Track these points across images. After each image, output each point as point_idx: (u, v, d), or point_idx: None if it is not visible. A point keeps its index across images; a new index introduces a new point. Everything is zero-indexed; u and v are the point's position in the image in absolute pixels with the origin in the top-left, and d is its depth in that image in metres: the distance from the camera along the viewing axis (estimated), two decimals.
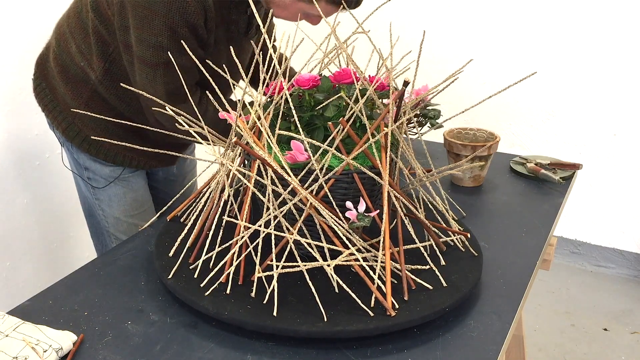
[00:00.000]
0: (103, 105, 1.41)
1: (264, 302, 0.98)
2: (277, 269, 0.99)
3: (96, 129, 1.43)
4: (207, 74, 1.14)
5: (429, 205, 1.24)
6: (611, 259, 2.79)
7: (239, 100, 1.14)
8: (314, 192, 1.02)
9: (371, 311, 0.95)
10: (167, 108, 1.13)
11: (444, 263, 1.09)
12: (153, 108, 1.23)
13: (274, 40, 1.57)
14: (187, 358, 0.90)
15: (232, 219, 1.04)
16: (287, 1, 1.27)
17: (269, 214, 1.03)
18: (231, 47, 1.19)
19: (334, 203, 1.03)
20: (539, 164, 1.60)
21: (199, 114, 1.20)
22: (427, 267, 1.07)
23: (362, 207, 1.00)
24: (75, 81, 1.41)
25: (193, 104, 1.21)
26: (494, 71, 2.71)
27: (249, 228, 1.03)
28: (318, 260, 0.99)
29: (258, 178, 1.03)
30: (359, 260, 1.00)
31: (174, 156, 1.53)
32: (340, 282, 0.98)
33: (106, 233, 1.56)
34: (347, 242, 1.01)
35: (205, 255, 1.07)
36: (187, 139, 1.25)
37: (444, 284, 1.03)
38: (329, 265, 0.98)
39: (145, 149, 1.28)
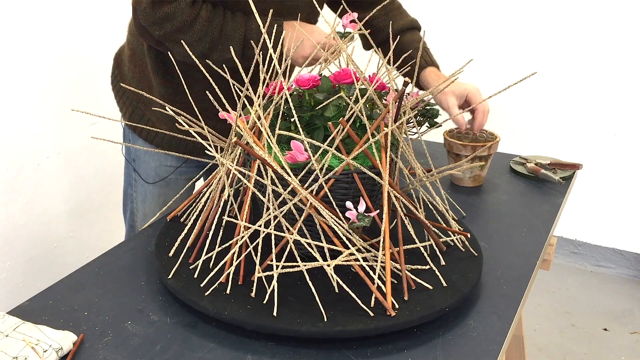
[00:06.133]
0: (164, 87, 1.42)
1: (264, 302, 0.98)
2: (277, 269, 0.99)
3: (157, 112, 1.42)
4: None
5: (429, 205, 1.24)
6: (611, 259, 2.79)
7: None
8: (314, 192, 1.02)
9: (371, 311, 0.95)
10: (166, 108, 1.13)
11: (444, 263, 1.09)
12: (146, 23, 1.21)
13: None
14: (187, 358, 0.90)
15: (232, 219, 1.04)
16: None
17: (269, 214, 1.03)
18: None
19: (334, 203, 1.03)
20: (539, 164, 1.60)
21: (190, 17, 1.19)
22: (427, 267, 1.07)
23: (362, 207, 1.00)
24: (141, 63, 1.43)
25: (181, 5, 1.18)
26: (494, 71, 2.71)
27: (249, 228, 1.03)
28: (318, 260, 0.99)
29: (258, 178, 1.03)
30: (359, 260, 1.00)
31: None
32: (340, 282, 0.98)
33: (130, 229, 1.58)
34: (347, 242, 1.01)
35: (205, 255, 1.07)
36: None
37: (444, 284, 1.03)
38: (329, 265, 0.98)
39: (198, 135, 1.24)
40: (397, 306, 0.96)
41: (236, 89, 1.16)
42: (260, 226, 1.02)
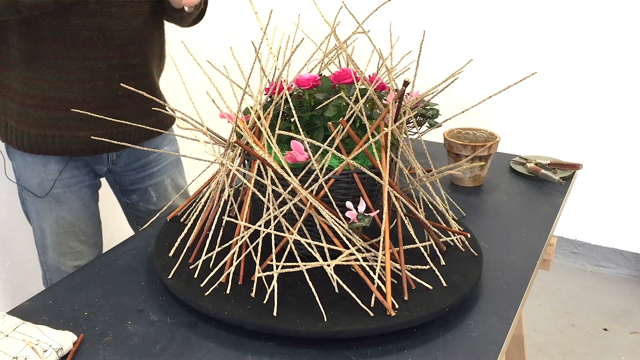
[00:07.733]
0: (14, 82, 1.34)
1: (264, 302, 0.98)
2: (277, 269, 0.99)
3: (13, 115, 1.34)
4: None
5: (429, 205, 1.24)
6: (611, 259, 2.79)
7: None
8: (314, 192, 1.02)
9: (371, 311, 0.95)
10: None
11: (444, 263, 1.10)
12: None
13: None
14: (187, 358, 0.90)
15: (232, 219, 1.04)
16: None
17: (269, 214, 1.03)
18: None
19: (334, 203, 1.03)
20: (539, 164, 1.60)
21: None
22: (427, 267, 1.07)
23: (362, 207, 1.00)
24: None
25: None
26: (494, 71, 2.71)
27: (249, 228, 1.03)
28: (318, 260, 0.99)
29: (258, 178, 1.03)
30: (359, 260, 1.00)
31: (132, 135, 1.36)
32: (340, 282, 0.98)
33: (38, 250, 1.54)
34: (347, 242, 1.01)
35: (205, 255, 1.07)
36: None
37: (444, 284, 1.03)
38: (329, 265, 0.98)
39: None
40: (397, 306, 0.96)
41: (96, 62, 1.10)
42: (260, 226, 1.02)
